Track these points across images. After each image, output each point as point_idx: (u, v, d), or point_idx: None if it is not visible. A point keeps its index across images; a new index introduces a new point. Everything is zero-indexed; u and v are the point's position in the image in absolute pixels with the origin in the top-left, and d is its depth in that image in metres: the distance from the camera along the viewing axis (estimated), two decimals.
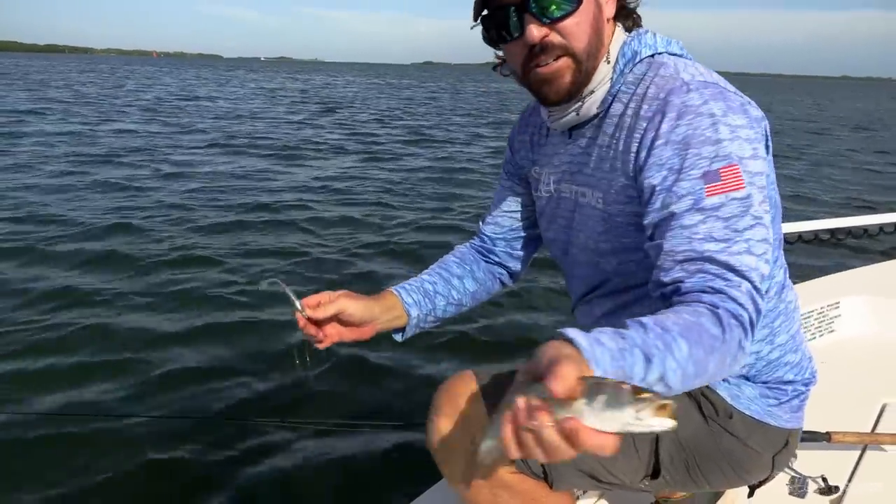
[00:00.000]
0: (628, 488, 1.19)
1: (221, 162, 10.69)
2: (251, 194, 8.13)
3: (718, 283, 0.90)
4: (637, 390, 0.64)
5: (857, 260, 5.39)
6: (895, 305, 2.66)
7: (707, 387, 1.14)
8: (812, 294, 2.67)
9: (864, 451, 1.79)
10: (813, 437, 1.74)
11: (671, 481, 1.17)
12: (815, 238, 3.43)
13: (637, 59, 1.09)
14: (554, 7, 1.01)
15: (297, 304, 1.15)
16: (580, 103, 1.10)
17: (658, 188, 0.98)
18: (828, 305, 2.62)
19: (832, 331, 2.61)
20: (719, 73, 1.08)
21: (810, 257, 5.91)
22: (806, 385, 1.20)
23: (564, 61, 1.04)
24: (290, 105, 24.39)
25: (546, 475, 1.12)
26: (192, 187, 8.47)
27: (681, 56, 1.10)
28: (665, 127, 0.98)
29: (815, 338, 2.56)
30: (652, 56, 1.09)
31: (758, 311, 0.91)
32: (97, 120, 15.87)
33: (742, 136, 0.97)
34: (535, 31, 1.02)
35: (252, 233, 6.41)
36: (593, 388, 0.65)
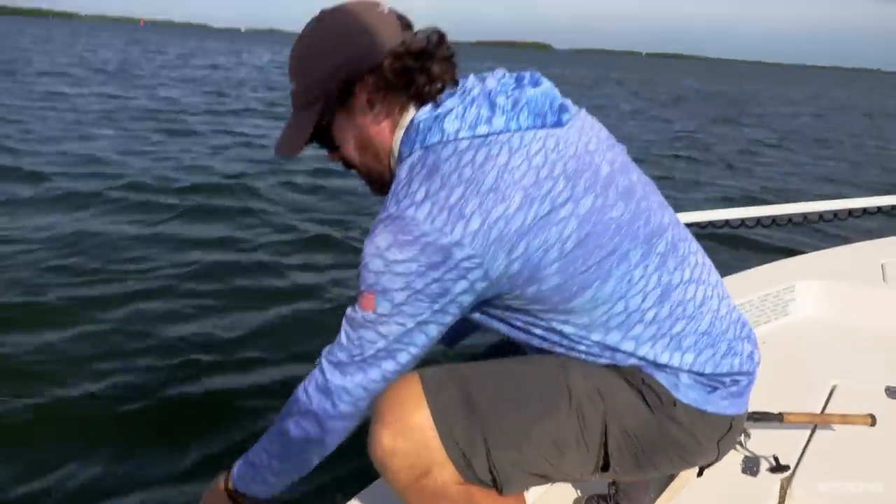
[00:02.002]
0: (579, 480, 1.17)
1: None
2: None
3: (311, 378, 1.09)
4: None
5: (812, 245, 5.40)
6: (848, 289, 2.64)
7: (648, 375, 1.08)
8: (768, 277, 2.64)
9: (814, 430, 1.77)
10: (766, 418, 1.70)
11: (621, 472, 1.13)
12: (772, 223, 3.40)
13: (408, 153, 1.05)
14: (324, 143, 1.18)
15: None
16: None
17: None
18: (783, 289, 2.59)
19: (787, 314, 2.58)
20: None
21: (767, 241, 5.92)
22: (744, 375, 1.13)
23: (361, 173, 1.19)
24: None
25: (495, 482, 1.05)
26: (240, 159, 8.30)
27: (489, 136, 1.00)
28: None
29: (770, 321, 2.53)
30: (427, 148, 1.03)
31: (332, 402, 1.06)
32: (118, 90, 15.48)
33: (395, 271, 0.98)
34: (329, 158, 1.20)
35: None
36: None
